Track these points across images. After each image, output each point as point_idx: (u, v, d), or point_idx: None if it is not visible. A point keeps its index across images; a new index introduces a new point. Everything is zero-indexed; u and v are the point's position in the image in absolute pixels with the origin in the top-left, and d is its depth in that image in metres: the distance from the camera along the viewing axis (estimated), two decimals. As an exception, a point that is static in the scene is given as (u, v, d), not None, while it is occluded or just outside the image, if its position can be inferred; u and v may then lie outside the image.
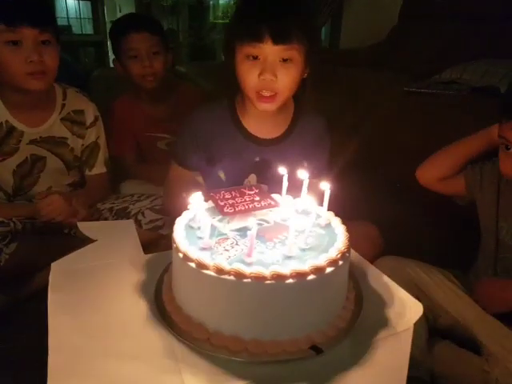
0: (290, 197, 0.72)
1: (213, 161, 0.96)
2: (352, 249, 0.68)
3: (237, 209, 0.66)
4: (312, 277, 0.52)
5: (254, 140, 0.96)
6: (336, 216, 0.66)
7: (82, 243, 0.76)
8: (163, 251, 0.73)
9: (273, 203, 0.68)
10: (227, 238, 0.59)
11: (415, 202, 1.36)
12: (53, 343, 0.53)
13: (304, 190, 0.70)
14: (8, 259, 0.99)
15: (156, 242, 1.09)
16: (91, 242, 0.74)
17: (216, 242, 0.58)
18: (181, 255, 0.55)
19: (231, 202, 0.67)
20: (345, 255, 0.57)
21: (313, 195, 0.68)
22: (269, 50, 0.82)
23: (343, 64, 2.04)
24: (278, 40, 0.81)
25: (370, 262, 0.75)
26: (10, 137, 1.08)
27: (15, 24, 0.95)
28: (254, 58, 0.84)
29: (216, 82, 1.80)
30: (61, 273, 0.67)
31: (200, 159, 0.96)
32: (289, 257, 0.55)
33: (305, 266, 0.52)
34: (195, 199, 0.61)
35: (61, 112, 1.15)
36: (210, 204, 0.69)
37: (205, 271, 0.52)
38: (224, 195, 0.70)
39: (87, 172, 1.24)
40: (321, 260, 0.54)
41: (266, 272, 0.51)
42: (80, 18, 4.94)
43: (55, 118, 1.14)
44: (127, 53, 1.28)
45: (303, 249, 0.57)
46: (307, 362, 0.53)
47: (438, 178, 0.98)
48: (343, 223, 0.64)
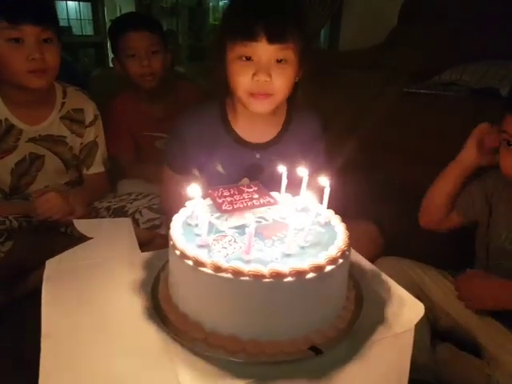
0: (289, 195, 0.71)
1: (203, 165, 0.93)
2: (352, 248, 0.66)
3: (235, 206, 0.65)
4: (311, 275, 0.51)
5: (246, 144, 0.93)
6: (335, 215, 0.65)
7: (79, 242, 0.75)
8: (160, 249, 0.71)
9: (272, 201, 0.67)
10: (225, 236, 0.58)
11: (415, 202, 1.36)
12: (45, 341, 0.51)
13: (303, 188, 0.69)
14: (3, 257, 0.98)
15: (154, 242, 1.08)
16: (87, 241, 0.73)
17: (214, 240, 0.57)
18: (178, 252, 0.54)
19: (229, 200, 0.67)
20: (345, 253, 0.56)
21: (311, 192, 0.67)
22: (263, 50, 0.78)
23: (342, 65, 2.04)
24: (274, 39, 0.78)
25: (370, 262, 0.74)
26: (9, 135, 1.08)
27: (17, 21, 0.95)
28: (247, 59, 0.80)
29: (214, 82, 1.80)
30: (56, 270, 0.66)
31: (189, 163, 0.93)
32: (288, 254, 0.54)
33: (304, 264, 0.51)
34: (193, 196, 0.60)
35: (60, 110, 1.14)
36: (208, 201, 0.68)
37: (202, 269, 0.51)
38: (222, 193, 0.69)
39: (85, 171, 1.23)
40: (320, 258, 0.53)
41: (265, 270, 0.50)
42: (80, 19, 4.95)
43: (55, 117, 1.13)
44: (126, 52, 1.27)
45: (302, 246, 0.56)
46: (306, 363, 0.52)
47: (438, 221, 0.96)
48: (343, 221, 0.63)
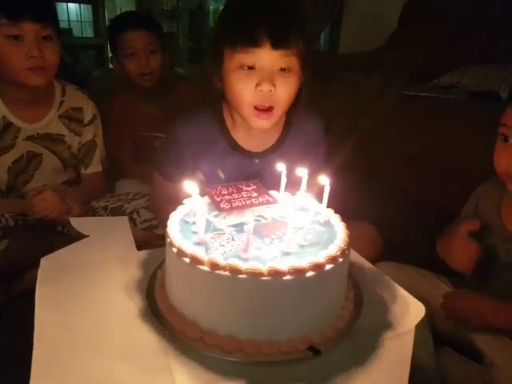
0: (289, 193, 0.70)
1: (200, 174, 0.89)
2: (351, 248, 0.66)
3: (233, 205, 0.64)
4: (311, 273, 0.50)
5: (245, 153, 0.89)
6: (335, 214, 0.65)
7: (76, 241, 0.74)
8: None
9: (270, 200, 0.67)
10: (223, 234, 0.58)
11: (414, 204, 1.35)
12: (38, 340, 0.50)
13: (302, 187, 0.68)
14: (-1, 256, 0.97)
15: (151, 242, 1.07)
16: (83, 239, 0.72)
17: (211, 237, 0.56)
18: (174, 250, 0.53)
19: (228, 198, 0.66)
20: (345, 252, 0.55)
21: (311, 192, 0.66)
22: (267, 57, 0.74)
23: (343, 68, 2.04)
24: (278, 44, 0.73)
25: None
26: (7, 132, 1.07)
27: (17, 18, 0.95)
28: (249, 68, 0.75)
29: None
30: (50, 268, 0.65)
31: (181, 172, 0.87)
32: (287, 253, 0.54)
33: (303, 263, 0.50)
34: (191, 194, 0.59)
35: (59, 109, 1.14)
36: (207, 199, 0.67)
37: (199, 266, 0.50)
38: (221, 191, 0.68)
39: (83, 170, 1.23)
40: (320, 257, 0.52)
41: (263, 268, 0.49)
42: (81, 21, 4.96)
43: (53, 115, 1.13)
44: (124, 51, 1.27)
45: (302, 245, 0.55)
46: (304, 364, 0.51)
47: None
48: (343, 221, 0.63)
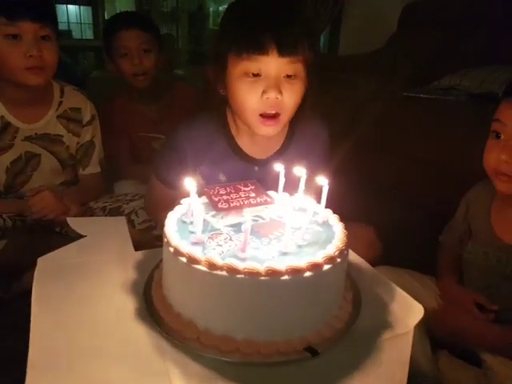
0: (287, 194, 0.70)
1: (200, 179, 0.87)
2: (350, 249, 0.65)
3: (231, 205, 0.64)
4: (309, 273, 0.50)
5: (248, 159, 0.88)
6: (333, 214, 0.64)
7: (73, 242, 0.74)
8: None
9: (269, 200, 0.66)
10: (220, 234, 0.57)
11: (414, 206, 1.35)
12: (34, 340, 0.50)
13: (301, 188, 0.68)
14: (-3, 256, 0.97)
15: (149, 244, 1.06)
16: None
17: (209, 237, 0.56)
18: (171, 249, 0.53)
19: (226, 198, 0.66)
20: (343, 252, 0.55)
21: (311, 194, 0.66)
22: (273, 64, 0.72)
23: (342, 69, 2.04)
24: (285, 51, 0.71)
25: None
26: (5, 133, 1.07)
27: (16, 18, 0.95)
28: (254, 75, 0.74)
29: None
30: (47, 268, 0.64)
31: (180, 177, 0.85)
32: (285, 253, 0.53)
33: (301, 263, 0.50)
34: (189, 192, 0.59)
35: (57, 109, 1.13)
36: (204, 199, 0.67)
37: (196, 266, 0.50)
38: (219, 191, 0.68)
39: (81, 171, 1.22)
40: (318, 257, 0.52)
41: (261, 268, 0.49)
42: (80, 23, 4.98)
43: (51, 115, 1.12)
44: (118, 51, 1.27)
45: (300, 245, 0.55)
46: (302, 364, 0.50)
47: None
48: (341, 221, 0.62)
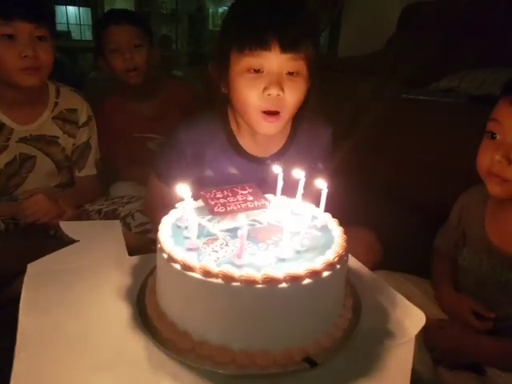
0: (285, 197, 0.68)
1: (203, 180, 0.86)
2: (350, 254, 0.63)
3: (228, 208, 0.62)
4: (307, 281, 0.48)
5: (251, 159, 0.87)
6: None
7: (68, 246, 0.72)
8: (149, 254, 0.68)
9: (266, 203, 0.65)
10: (216, 239, 0.55)
11: (413, 208, 1.33)
12: (19, 350, 0.48)
13: (300, 191, 0.66)
14: (-12, 261, 0.94)
15: (145, 248, 1.04)
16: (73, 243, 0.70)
17: (204, 243, 0.54)
18: (165, 256, 0.51)
19: (222, 202, 0.64)
20: (342, 258, 0.53)
21: (311, 197, 0.64)
22: (275, 60, 0.72)
23: (341, 71, 2.03)
24: (287, 47, 0.71)
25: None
26: None
27: (10, 17, 0.93)
28: (256, 71, 0.73)
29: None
30: (37, 274, 0.62)
31: (185, 178, 0.86)
32: (282, 259, 0.52)
33: (299, 269, 0.49)
34: (184, 196, 0.57)
35: (53, 110, 1.12)
36: (200, 203, 0.65)
37: (190, 273, 0.48)
38: (215, 194, 0.66)
39: (77, 173, 1.21)
40: (317, 263, 0.50)
41: (258, 275, 0.47)
42: (80, 25, 4.96)
43: (47, 116, 1.11)
44: (108, 46, 1.25)
45: (298, 251, 0.53)
46: (300, 376, 0.49)
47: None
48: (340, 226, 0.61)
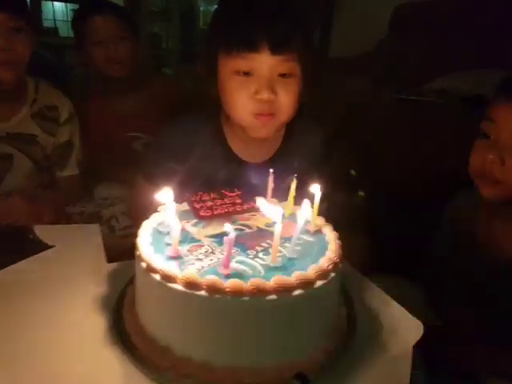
0: (276, 200, 0.65)
1: (191, 184, 0.80)
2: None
3: (215, 212, 0.59)
4: (299, 291, 0.45)
5: (243, 165, 0.83)
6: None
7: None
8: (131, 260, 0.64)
9: (256, 207, 0.61)
10: (201, 246, 0.51)
11: (406, 210, 1.32)
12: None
13: (291, 195, 0.63)
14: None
15: (131, 253, 1.00)
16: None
17: (187, 250, 0.50)
18: (144, 265, 0.47)
19: (209, 205, 0.60)
20: (337, 266, 0.50)
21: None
22: (265, 62, 0.69)
23: (333, 71, 2.02)
24: (278, 48, 0.68)
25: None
26: None
27: None
28: (245, 74, 0.70)
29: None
30: (6, 284, 0.57)
31: (173, 181, 0.81)
32: (272, 268, 0.48)
33: (291, 279, 0.45)
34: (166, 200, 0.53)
35: (31, 107, 1.07)
36: (185, 206, 0.61)
37: (171, 284, 0.44)
38: (201, 197, 0.62)
39: (58, 173, 1.15)
40: (309, 272, 0.47)
41: (245, 285, 0.44)
42: (67, 21, 4.87)
43: (25, 114, 1.06)
44: (91, 37, 1.19)
45: (289, 258, 0.50)
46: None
47: None
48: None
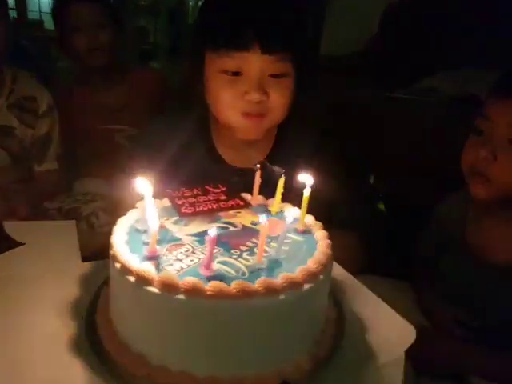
0: (262, 197, 0.62)
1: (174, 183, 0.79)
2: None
3: (197, 209, 0.55)
4: (286, 294, 0.42)
5: (231, 171, 0.79)
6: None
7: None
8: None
9: (241, 204, 0.58)
10: (181, 245, 0.48)
11: (396, 209, 1.31)
12: None
13: (279, 191, 0.60)
14: None
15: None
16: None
17: (166, 250, 0.46)
18: (118, 265, 0.43)
19: (192, 201, 0.57)
20: (326, 268, 0.47)
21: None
22: (256, 62, 0.65)
23: (324, 70, 2.01)
24: (269, 48, 0.65)
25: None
26: None
27: None
28: (234, 74, 0.67)
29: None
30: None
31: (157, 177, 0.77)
32: (258, 269, 0.45)
33: (277, 281, 0.42)
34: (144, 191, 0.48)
35: (8, 97, 1.03)
36: (166, 202, 0.57)
37: (147, 287, 0.41)
38: (184, 193, 0.59)
39: (36, 167, 1.11)
40: (297, 273, 0.44)
41: (228, 288, 0.41)
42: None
43: (1, 105, 1.02)
44: (71, 25, 1.16)
45: (276, 259, 0.47)
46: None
47: None
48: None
